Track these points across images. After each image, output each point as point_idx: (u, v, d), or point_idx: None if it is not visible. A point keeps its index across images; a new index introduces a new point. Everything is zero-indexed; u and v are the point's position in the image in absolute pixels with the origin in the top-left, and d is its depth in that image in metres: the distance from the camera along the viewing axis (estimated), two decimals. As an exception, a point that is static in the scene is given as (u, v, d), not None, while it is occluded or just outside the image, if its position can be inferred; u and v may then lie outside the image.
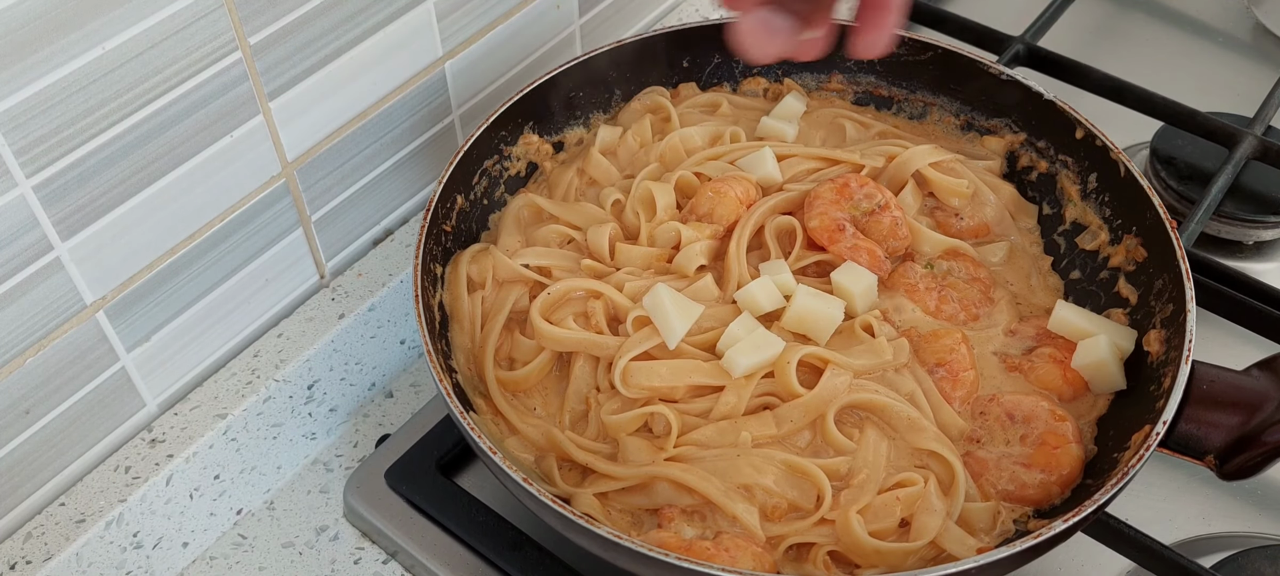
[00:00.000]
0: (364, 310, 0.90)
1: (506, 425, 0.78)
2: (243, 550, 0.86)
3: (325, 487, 0.89)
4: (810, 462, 0.72)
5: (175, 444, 0.81)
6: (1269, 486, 0.86)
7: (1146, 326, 0.79)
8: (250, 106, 0.78)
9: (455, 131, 0.98)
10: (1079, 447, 0.74)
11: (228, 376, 0.85)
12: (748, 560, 0.68)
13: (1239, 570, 0.79)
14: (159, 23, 0.69)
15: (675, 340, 0.76)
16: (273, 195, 0.83)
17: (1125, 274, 0.83)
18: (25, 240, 0.68)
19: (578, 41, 1.06)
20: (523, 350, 0.81)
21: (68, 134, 0.67)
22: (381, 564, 0.84)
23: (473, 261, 0.84)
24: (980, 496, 0.73)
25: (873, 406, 0.75)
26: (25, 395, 0.73)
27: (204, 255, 0.80)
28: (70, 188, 0.69)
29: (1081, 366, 0.78)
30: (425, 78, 0.91)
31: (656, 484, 0.72)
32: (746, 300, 0.79)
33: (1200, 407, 0.72)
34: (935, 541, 0.70)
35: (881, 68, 0.96)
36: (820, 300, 0.79)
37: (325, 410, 0.91)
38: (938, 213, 0.90)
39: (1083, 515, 0.65)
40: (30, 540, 0.75)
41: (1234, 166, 0.99)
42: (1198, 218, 0.95)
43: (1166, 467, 0.84)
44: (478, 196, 0.88)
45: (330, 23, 0.80)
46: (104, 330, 0.76)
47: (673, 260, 0.83)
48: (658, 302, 0.77)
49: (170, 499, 0.80)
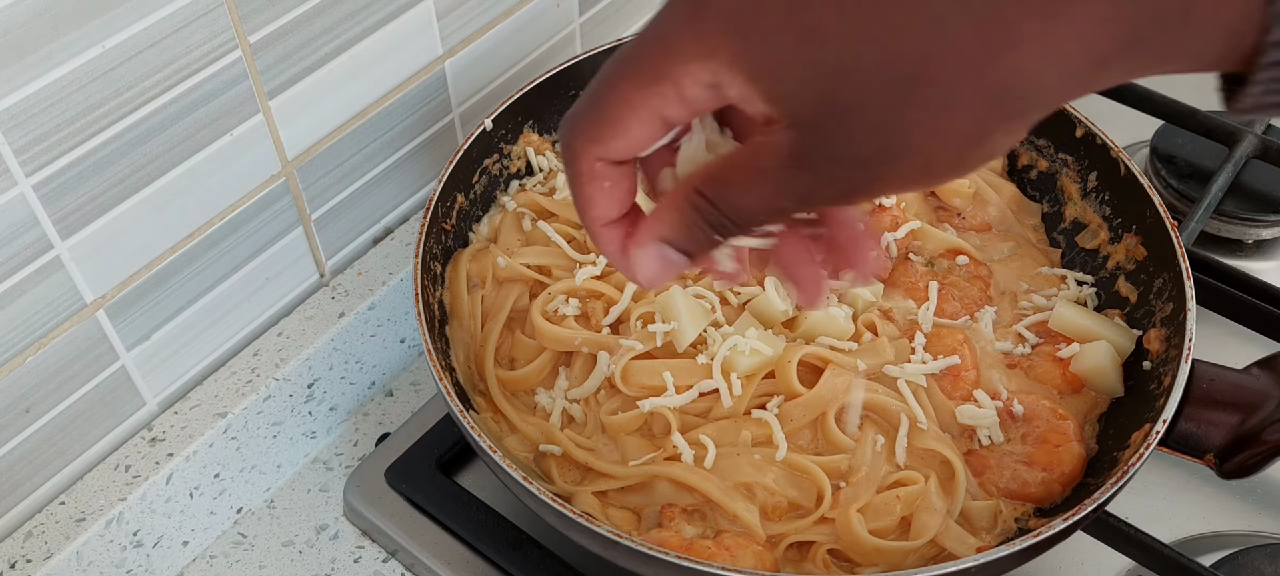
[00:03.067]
0: (364, 309, 0.90)
1: (506, 424, 0.78)
2: (243, 549, 0.86)
3: (325, 486, 0.89)
4: (810, 460, 0.72)
5: (175, 442, 0.81)
6: (1269, 485, 0.86)
7: (1146, 325, 0.79)
8: (250, 105, 0.78)
9: (455, 130, 0.98)
10: (1080, 446, 0.74)
11: (228, 375, 0.85)
12: (748, 559, 0.68)
13: (1239, 569, 0.79)
14: (158, 21, 0.69)
15: (684, 343, 0.76)
16: (272, 194, 0.83)
17: (1125, 272, 0.83)
18: (25, 239, 0.68)
19: (578, 40, 1.06)
20: (523, 349, 0.81)
21: (67, 132, 0.67)
22: (381, 562, 0.84)
23: (473, 260, 0.84)
24: (981, 494, 0.73)
25: (873, 405, 0.75)
26: (25, 394, 0.73)
27: (204, 254, 0.80)
28: (70, 186, 0.69)
29: (1080, 371, 0.78)
30: (425, 76, 0.91)
31: (656, 483, 0.72)
32: (757, 310, 0.79)
33: (1200, 406, 0.72)
34: (935, 540, 0.70)
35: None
36: (831, 306, 0.79)
37: (325, 409, 0.91)
38: (939, 212, 0.90)
39: (1083, 514, 0.65)
40: (30, 539, 0.75)
41: (1234, 165, 0.99)
42: (1198, 216, 0.95)
43: (1166, 466, 0.84)
44: (478, 195, 0.88)
45: (330, 21, 0.80)
46: (104, 329, 0.76)
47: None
48: (672, 304, 0.77)
49: (170, 497, 0.80)
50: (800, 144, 0.41)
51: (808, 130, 0.40)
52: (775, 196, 0.43)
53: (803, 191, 0.42)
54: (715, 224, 0.45)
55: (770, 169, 0.42)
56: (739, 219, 0.45)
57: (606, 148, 0.45)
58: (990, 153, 0.40)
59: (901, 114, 0.38)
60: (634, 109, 0.44)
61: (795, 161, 0.41)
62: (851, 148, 0.40)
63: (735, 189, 0.44)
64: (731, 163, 0.44)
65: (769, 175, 0.42)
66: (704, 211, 0.45)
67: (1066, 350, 0.78)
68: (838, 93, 0.39)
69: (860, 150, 0.40)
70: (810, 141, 0.40)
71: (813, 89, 0.39)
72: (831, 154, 0.40)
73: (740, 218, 0.45)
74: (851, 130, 0.39)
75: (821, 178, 0.41)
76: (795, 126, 0.40)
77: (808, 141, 0.41)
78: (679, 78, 0.42)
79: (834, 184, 0.42)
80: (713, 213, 0.45)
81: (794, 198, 0.43)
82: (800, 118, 0.40)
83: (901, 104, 0.38)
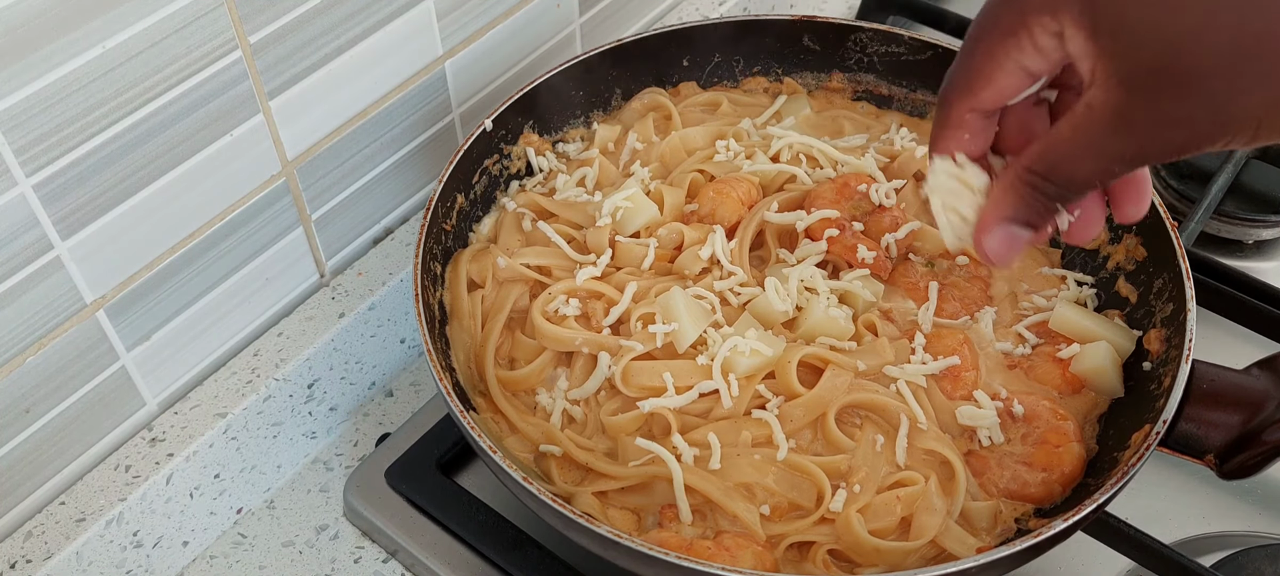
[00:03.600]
0: (364, 309, 0.90)
1: (506, 424, 0.78)
2: (243, 549, 0.86)
3: (325, 486, 0.89)
4: (811, 461, 0.72)
5: (175, 443, 0.81)
6: (1269, 486, 0.86)
7: (1146, 326, 0.79)
8: (250, 105, 0.78)
9: (455, 130, 0.98)
10: (1080, 446, 0.74)
11: (228, 375, 0.85)
12: (748, 559, 0.68)
13: (1239, 569, 0.79)
14: (159, 22, 0.69)
15: (685, 344, 0.76)
16: (273, 194, 0.83)
17: (1125, 273, 0.83)
18: (25, 239, 0.68)
19: (578, 40, 1.06)
20: (523, 349, 0.81)
21: (68, 133, 0.67)
22: (381, 563, 0.84)
23: (473, 260, 0.84)
24: (982, 494, 0.73)
25: (873, 406, 0.75)
26: (25, 394, 0.73)
27: (204, 254, 0.80)
28: (70, 186, 0.69)
29: (1081, 371, 0.78)
30: (425, 76, 0.91)
31: (656, 483, 0.72)
32: (757, 311, 0.79)
33: (1200, 407, 0.72)
34: (935, 540, 0.70)
35: (881, 66, 0.96)
36: (831, 308, 0.79)
37: (325, 409, 0.91)
38: (938, 212, 0.90)
39: (1083, 514, 0.65)
40: (30, 539, 0.75)
41: (1234, 165, 1.00)
42: (1198, 217, 0.95)
43: (1166, 467, 0.84)
44: (478, 195, 0.88)
45: (330, 21, 0.80)
46: (104, 329, 0.76)
47: (675, 261, 0.83)
48: (673, 305, 0.77)
49: (170, 498, 0.80)
50: (1128, 106, 0.43)
51: (1138, 92, 0.43)
52: (1105, 160, 0.46)
53: (1131, 153, 0.46)
54: (1052, 195, 0.49)
55: (1096, 136, 0.45)
56: (1074, 187, 0.48)
57: (978, 98, 0.50)
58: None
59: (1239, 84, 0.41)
60: (998, 61, 0.49)
61: (1122, 123, 0.44)
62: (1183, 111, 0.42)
63: (1065, 161, 0.48)
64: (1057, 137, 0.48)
65: (1096, 141, 0.46)
66: (1040, 187, 0.49)
67: (1066, 350, 0.78)
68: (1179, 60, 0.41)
69: (1192, 114, 0.42)
70: (1139, 104, 0.43)
71: (1152, 52, 0.42)
72: (1160, 116, 0.43)
73: (1074, 185, 0.48)
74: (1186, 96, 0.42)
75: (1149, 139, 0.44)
76: (1126, 87, 0.43)
77: (1136, 104, 0.43)
78: (1032, 27, 0.46)
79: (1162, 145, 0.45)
80: (1048, 186, 0.49)
81: (1123, 160, 0.46)
82: (1134, 80, 0.43)
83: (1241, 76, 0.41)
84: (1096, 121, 0.45)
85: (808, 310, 0.79)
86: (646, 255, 0.83)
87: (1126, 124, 0.44)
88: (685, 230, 0.84)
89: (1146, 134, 0.44)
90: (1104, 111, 0.44)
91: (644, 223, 0.85)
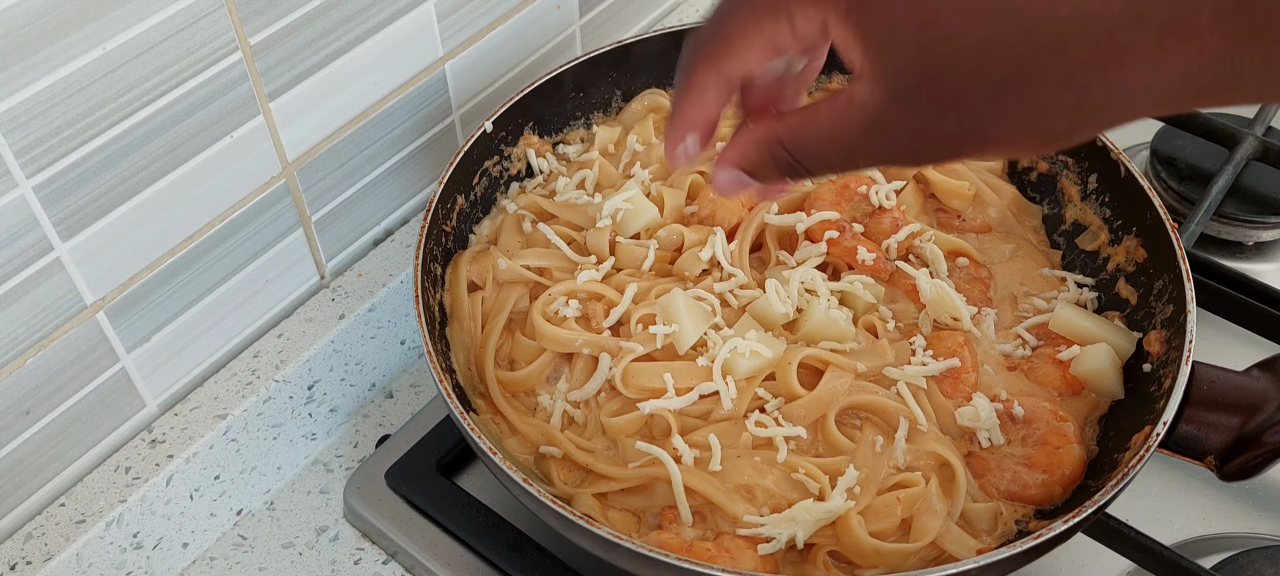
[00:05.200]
0: (364, 310, 0.90)
1: (506, 425, 0.78)
2: (243, 550, 0.86)
3: (325, 488, 0.89)
4: (811, 462, 0.72)
5: (175, 444, 0.81)
6: (1269, 487, 0.86)
7: (1147, 327, 0.79)
8: (250, 107, 0.78)
9: (455, 132, 0.98)
10: (1081, 447, 0.74)
11: (228, 377, 0.85)
12: (748, 561, 0.68)
13: (1239, 571, 0.79)
14: (159, 23, 0.69)
15: (685, 345, 0.76)
16: (273, 196, 0.83)
17: (1125, 274, 0.83)
18: (25, 240, 0.68)
19: (578, 41, 1.06)
20: (523, 350, 0.81)
21: (68, 134, 0.67)
22: (381, 564, 0.84)
23: (473, 262, 0.84)
24: (982, 496, 0.73)
25: (873, 407, 0.75)
26: (25, 395, 0.73)
27: (204, 255, 0.80)
28: (70, 188, 0.69)
29: (1081, 372, 0.78)
30: (426, 78, 0.91)
31: (656, 484, 0.72)
32: (757, 313, 0.79)
33: (1200, 408, 0.72)
34: (936, 542, 0.70)
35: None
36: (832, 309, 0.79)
37: (325, 410, 0.91)
38: (940, 214, 0.90)
39: (1083, 516, 0.65)
40: (30, 540, 0.75)
41: (1234, 167, 1.00)
42: (1198, 218, 0.95)
43: (1167, 468, 0.84)
44: (478, 197, 0.88)
45: (331, 23, 0.80)
46: (104, 330, 0.76)
47: (675, 263, 0.83)
48: (674, 307, 0.77)
49: (170, 499, 0.80)
50: (889, 111, 0.43)
51: (902, 103, 0.43)
52: (854, 154, 0.47)
53: (882, 154, 0.46)
54: (787, 168, 0.50)
55: (854, 132, 0.45)
56: (816, 170, 0.49)
57: (721, 65, 0.50)
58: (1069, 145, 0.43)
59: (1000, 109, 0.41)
60: (749, 36, 0.48)
61: (879, 125, 0.44)
62: (942, 128, 0.42)
63: (814, 144, 0.48)
64: (815, 117, 0.47)
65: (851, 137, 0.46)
66: (779, 159, 0.50)
67: (1067, 352, 0.78)
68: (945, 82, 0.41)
69: (949, 131, 0.42)
70: (900, 112, 0.43)
71: (917, 68, 0.42)
72: (918, 127, 0.43)
73: (817, 170, 0.49)
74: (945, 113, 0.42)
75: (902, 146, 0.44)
76: (890, 94, 0.43)
77: (896, 113, 0.43)
78: (794, 12, 0.46)
79: (912, 152, 0.45)
80: (788, 161, 0.49)
81: (871, 158, 0.47)
82: (897, 90, 0.43)
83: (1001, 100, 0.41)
84: (856, 119, 0.45)
85: (808, 312, 0.79)
86: (647, 257, 0.83)
87: (884, 129, 0.44)
88: (685, 232, 0.84)
89: (901, 141, 0.44)
90: (864, 111, 0.44)
91: (644, 224, 0.85)
